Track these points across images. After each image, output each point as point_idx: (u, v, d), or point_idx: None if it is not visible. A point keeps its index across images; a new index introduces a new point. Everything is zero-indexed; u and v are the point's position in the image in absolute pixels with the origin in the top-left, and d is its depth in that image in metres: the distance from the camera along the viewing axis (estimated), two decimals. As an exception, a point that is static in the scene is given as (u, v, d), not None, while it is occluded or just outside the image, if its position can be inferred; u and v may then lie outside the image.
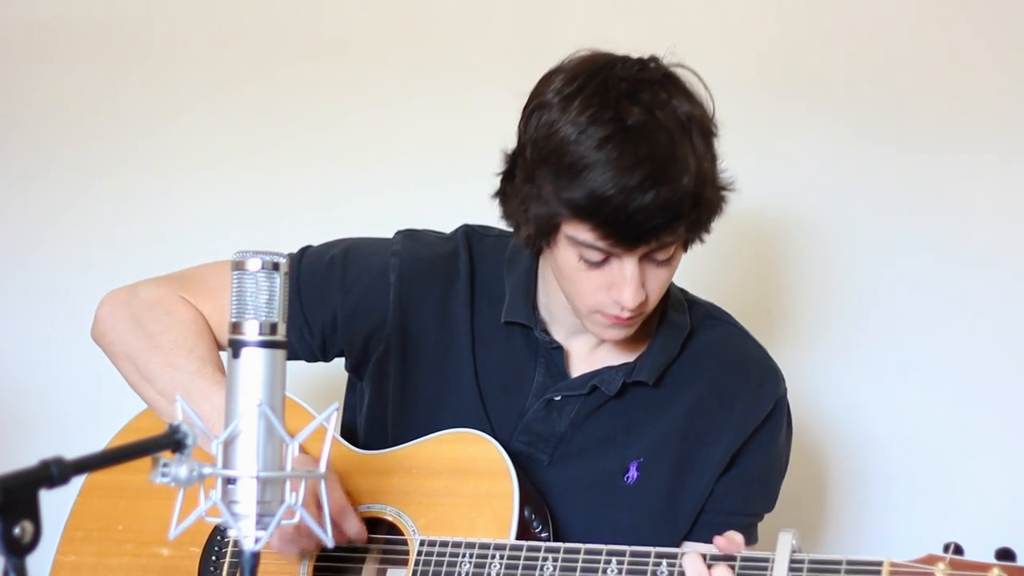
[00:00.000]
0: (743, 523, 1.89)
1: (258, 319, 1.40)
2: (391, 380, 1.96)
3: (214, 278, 1.95)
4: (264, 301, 1.40)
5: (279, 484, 1.38)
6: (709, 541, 1.72)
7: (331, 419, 1.40)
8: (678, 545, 1.89)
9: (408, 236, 2.00)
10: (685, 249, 1.82)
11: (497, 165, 1.86)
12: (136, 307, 1.93)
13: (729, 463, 1.92)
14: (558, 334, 1.93)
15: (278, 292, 1.41)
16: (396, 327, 1.95)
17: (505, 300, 1.93)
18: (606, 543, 1.71)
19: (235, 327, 1.41)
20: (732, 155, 1.82)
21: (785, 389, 1.97)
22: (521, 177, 1.79)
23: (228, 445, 1.38)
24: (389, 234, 2.03)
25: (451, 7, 2.75)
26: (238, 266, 1.41)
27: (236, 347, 1.40)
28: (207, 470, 1.34)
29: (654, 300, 1.82)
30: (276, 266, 1.41)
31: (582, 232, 1.73)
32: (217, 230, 2.74)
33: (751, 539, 1.93)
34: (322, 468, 1.39)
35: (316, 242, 2.06)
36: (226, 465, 1.37)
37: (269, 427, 1.38)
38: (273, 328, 1.40)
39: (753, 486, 1.95)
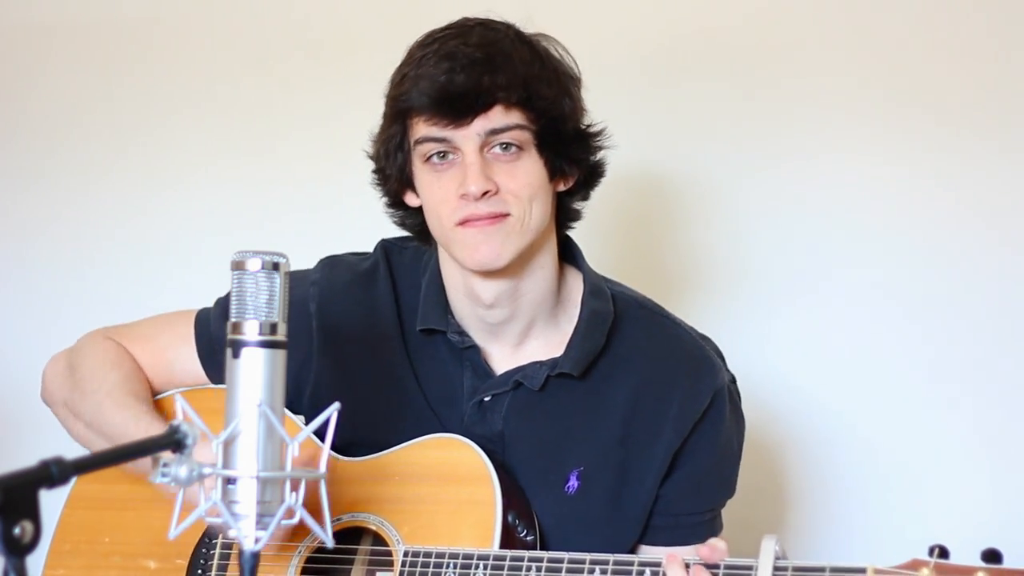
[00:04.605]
0: (704, 520, 1.87)
1: (258, 319, 1.40)
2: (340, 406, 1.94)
3: (149, 326, 2.03)
4: (264, 301, 1.40)
5: (279, 484, 1.38)
6: (671, 544, 1.71)
7: (331, 419, 1.40)
8: (633, 551, 1.87)
9: (327, 264, 1.99)
10: (542, 156, 1.80)
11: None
12: (70, 355, 2.01)
13: (673, 462, 1.87)
14: (477, 337, 1.90)
15: (278, 292, 1.41)
16: (325, 356, 1.92)
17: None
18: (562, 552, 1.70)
19: (235, 327, 1.40)
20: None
21: (724, 379, 1.90)
22: (383, 136, 1.85)
23: (228, 445, 1.38)
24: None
25: (450, 6, 2.74)
26: (238, 266, 1.41)
27: (236, 347, 1.40)
28: (207, 470, 1.34)
29: (512, 199, 1.79)
30: (276, 266, 1.41)
31: (420, 127, 1.78)
32: (217, 230, 2.74)
33: (716, 530, 1.90)
34: (322, 468, 1.39)
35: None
36: (226, 465, 1.37)
37: (269, 427, 1.38)
38: (273, 328, 1.40)
39: (705, 481, 1.90)
